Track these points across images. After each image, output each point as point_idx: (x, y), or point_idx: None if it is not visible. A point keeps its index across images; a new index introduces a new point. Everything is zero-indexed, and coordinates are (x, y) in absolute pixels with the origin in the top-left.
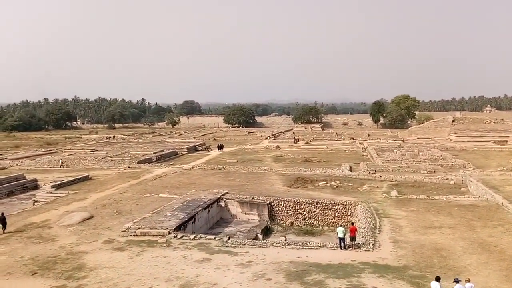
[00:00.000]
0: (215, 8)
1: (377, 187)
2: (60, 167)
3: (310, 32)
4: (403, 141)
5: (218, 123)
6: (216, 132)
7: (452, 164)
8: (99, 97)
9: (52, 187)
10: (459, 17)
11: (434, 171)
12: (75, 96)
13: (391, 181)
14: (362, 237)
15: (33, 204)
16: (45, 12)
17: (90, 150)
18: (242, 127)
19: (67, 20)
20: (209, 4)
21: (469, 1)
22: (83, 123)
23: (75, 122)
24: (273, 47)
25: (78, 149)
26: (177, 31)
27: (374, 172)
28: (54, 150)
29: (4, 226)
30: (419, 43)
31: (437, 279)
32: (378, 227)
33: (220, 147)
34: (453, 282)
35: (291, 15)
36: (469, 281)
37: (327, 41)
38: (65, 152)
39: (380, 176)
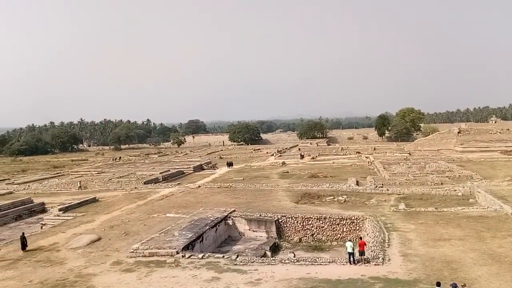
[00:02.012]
0: (216, 26)
1: (385, 200)
2: (79, 189)
3: (312, 48)
4: (409, 154)
5: (223, 141)
6: (221, 150)
7: (460, 176)
8: (105, 119)
9: (60, 210)
10: (462, 27)
11: (442, 183)
12: (81, 119)
13: (399, 194)
14: (372, 251)
15: (41, 228)
16: (45, 37)
17: (96, 172)
18: (248, 144)
19: (69, 42)
20: (210, 21)
21: (472, 11)
22: (89, 146)
23: (81, 145)
24: (276, 64)
25: (84, 171)
26: (181, 50)
27: (381, 185)
28: (61, 173)
29: (24, 246)
30: (422, 56)
31: (438, 284)
32: (387, 241)
33: (229, 164)
34: (450, 286)
35: (292, 31)
36: (464, 285)
37: (329, 56)
38: (71, 174)
39: (388, 190)
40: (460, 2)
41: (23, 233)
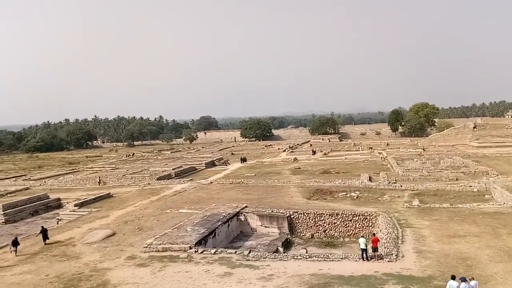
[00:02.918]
0: (228, 20)
1: (398, 196)
2: (99, 184)
3: (325, 43)
4: (423, 149)
5: (235, 138)
6: (233, 146)
7: (475, 171)
8: (118, 116)
9: (75, 205)
10: (477, 18)
11: (457, 179)
12: (95, 116)
13: (413, 190)
14: (385, 247)
15: (57, 223)
16: (59, 37)
17: (110, 168)
18: (259, 140)
19: (82, 42)
20: (222, 15)
21: (487, 2)
22: (103, 142)
23: (95, 141)
24: (289, 59)
25: (99, 167)
26: (193, 46)
27: (394, 181)
28: (76, 169)
29: (45, 238)
30: (436, 50)
31: (453, 277)
32: (400, 237)
33: (243, 160)
34: (459, 280)
35: (306, 25)
36: (472, 279)
37: (342, 51)
38: (86, 170)
39: (401, 186)
40: None
41: (42, 227)
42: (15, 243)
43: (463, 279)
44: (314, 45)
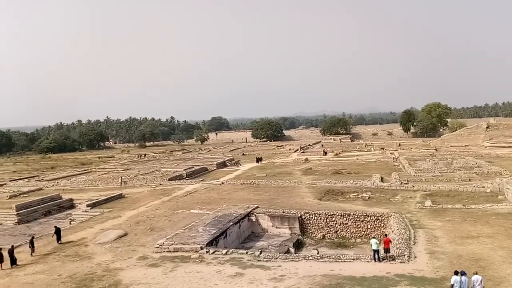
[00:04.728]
0: (234, 20)
1: (410, 197)
2: (121, 185)
3: (335, 43)
4: (436, 149)
5: (246, 138)
6: (244, 147)
7: (488, 172)
8: (130, 117)
9: (87, 206)
10: (488, 18)
11: (470, 180)
12: (107, 117)
13: (425, 191)
14: (397, 248)
15: (70, 223)
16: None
17: (122, 169)
18: (270, 141)
19: (94, 43)
20: (228, 16)
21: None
22: (115, 143)
23: (107, 142)
24: (299, 59)
25: (111, 168)
26: (204, 46)
27: (406, 182)
28: (88, 170)
29: (58, 238)
30: (449, 49)
31: (456, 273)
32: (412, 238)
33: (259, 160)
34: (460, 274)
35: (316, 24)
36: (476, 273)
37: (353, 51)
38: (98, 171)
39: (413, 186)
40: None
41: (56, 227)
42: (32, 242)
43: (463, 273)
44: (326, 44)
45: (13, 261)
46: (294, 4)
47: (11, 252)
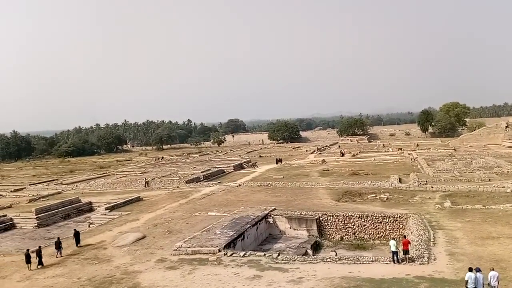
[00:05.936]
0: (241, 19)
1: (429, 198)
2: (145, 186)
3: (352, 42)
4: (454, 149)
5: (262, 140)
6: (261, 149)
7: (508, 172)
8: (147, 120)
9: (106, 209)
10: (506, 13)
11: (489, 180)
12: (125, 120)
13: (444, 192)
14: (416, 250)
15: (89, 226)
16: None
17: (140, 172)
18: (287, 142)
19: (109, 47)
20: (235, 16)
21: None
22: (133, 146)
23: (125, 145)
24: (316, 59)
25: (129, 171)
26: (220, 47)
27: (425, 183)
28: (106, 173)
29: (77, 242)
30: (466, 48)
31: (470, 269)
32: (432, 240)
33: (278, 161)
34: (474, 270)
35: (333, 23)
36: (492, 269)
37: (370, 50)
38: (116, 174)
39: (432, 187)
40: None
41: (75, 230)
42: (58, 244)
43: (478, 270)
44: (342, 44)
45: (40, 262)
46: (303, 2)
47: (38, 252)
